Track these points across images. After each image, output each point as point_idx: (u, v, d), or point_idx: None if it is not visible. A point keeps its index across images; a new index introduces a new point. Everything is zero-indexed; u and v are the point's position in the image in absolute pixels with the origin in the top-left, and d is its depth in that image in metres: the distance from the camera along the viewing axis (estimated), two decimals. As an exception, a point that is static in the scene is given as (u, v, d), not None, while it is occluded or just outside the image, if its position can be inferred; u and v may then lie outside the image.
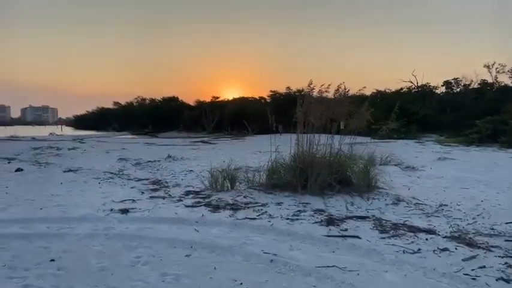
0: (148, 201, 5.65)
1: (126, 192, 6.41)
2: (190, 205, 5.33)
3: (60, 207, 5.37)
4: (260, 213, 4.80)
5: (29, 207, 5.34)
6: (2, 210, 5.22)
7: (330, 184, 5.65)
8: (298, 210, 4.91)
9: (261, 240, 3.88)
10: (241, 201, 5.46)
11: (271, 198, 5.54)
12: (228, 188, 6.23)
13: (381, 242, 3.76)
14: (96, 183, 7.35)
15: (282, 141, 20.48)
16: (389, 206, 5.05)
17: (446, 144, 19.61)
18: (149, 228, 4.32)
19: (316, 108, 5.86)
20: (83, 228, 4.30)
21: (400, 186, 6.31)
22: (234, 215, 4.79)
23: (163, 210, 5.14)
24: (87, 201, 5.73)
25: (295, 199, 5.45)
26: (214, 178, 6.26)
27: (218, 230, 4.21)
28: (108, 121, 65.43)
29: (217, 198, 5.64)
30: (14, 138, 27.40)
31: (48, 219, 4.72)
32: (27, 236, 4.00)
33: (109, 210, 5.13)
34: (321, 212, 4.83)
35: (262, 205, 5.20)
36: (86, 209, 5.18)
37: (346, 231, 4.08)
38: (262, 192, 5.88)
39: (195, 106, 53.00)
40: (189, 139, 28.94)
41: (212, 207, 5.17)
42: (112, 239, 3.94)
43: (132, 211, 5.07)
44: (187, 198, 5.82)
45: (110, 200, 5.74)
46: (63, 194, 6.31)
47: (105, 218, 4.74)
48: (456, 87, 35.26)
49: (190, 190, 6.39)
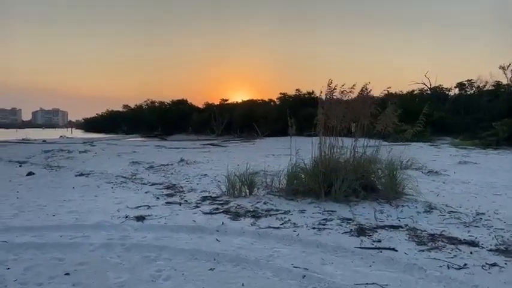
0: (164, 208, 5.41)
1: (140, 197, 6.18)
2: (209, 212, 5.07)
3: (73, 213, 5.16)
4: (283, 222, 4.52)
5: (41, 214, 5.14)
6: (14, 216, 5.03)
7: (355, 190, 5.35)
8: (323, 218, 4.62)
9: (289, 252, 3.60)
10: (262, 208, 5.18)
11: (293, 205, 5.26)
12: (246, 193, 5.96)
13: (420, 255, 3.45)
14: (109, 187, 7.14)
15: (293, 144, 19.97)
16: (421, 214, 4.73)
17: (462, 147, 19.10)
18: (167, 238, 4.07)
19: (338, 110, 5.56)
20: (98, 237, 4.07)
21: (427, 192, 5.97)
22: (255, 223, 4.51)
23: (181, 217, 4.89)
24: (100, 207, 5.51)
25: (319, 206, 5.16)
26: (232, 183, 5.99)
27: (241, 240, 3.94)
28: (117, 124, 65.79)
29: (236, 205, 5.37)
30: (25, 141, 27.55)
31: (61, 227, 4.50)
32: (40, 246, 3.78)
33: (124, 217, 4.90)
34: (348, 220, 4.52)
35: (285, 212, 4.92)
36: (100, 216, 4.96)
37: (380, 242, 3.78)
38: (282, 199, 5.59)
39: (204, 109, 52.95)
40: (199, 142, 28.77)
41: (232, 214, 4.90)
42: (129, 249, 3.69)
43: (148, 218, 4.83)
44: (205, 204, 5.56)
45: (124, 206, 5.51)
46: (75, 199, 6.11)
47: (120, 226, 4.50)
48: (470, 89, 34.59)
49: (206, 196, 6.13)
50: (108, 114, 75.41)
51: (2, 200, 6.06)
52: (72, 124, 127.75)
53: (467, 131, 25.76)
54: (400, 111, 5.87)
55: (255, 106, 43.85)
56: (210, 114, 46.07)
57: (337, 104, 5.70)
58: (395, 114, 5.55)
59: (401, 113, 5.89)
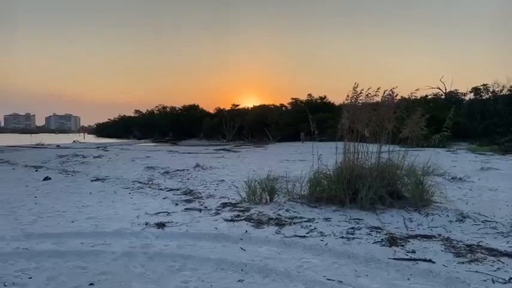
0: (184, 214, 5.29)
1: (158, 203, 6.08)
2: (230, 219, 4.92)
3: (92, 220, 5.07)
4: (309, 230, 4.34)
5: (60, 220, 5.06)
6: (33, 222, 4.95)
7: (381, 197, 5.15)
8: (351, 227, 4.43)
9: (319, 262, 3.43)
10: (285, 215, 5.02)
11: (317, 213, 5.08)
12: (266, 200, 5.80)
13: (460, 267, 3.24)
14: (127, 193, 7.06)
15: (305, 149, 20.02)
16: (454, 223, 4.51)
17: (479, 152, 18.66)
18: (190, 246, 3.93)
19: (363, 114, 5.39)
20: (119, 245, 3.95)
21: (454, 200, 5.72)
22: (280, 231, 4.35)
23: (202, 224, 4.75)
24: (119, 214, 5.41)
25: (345, 214, 4.97)
26: (252, 189, 5.84)
27: (267, 250, 3.78)
28: (129, 129, 66.40)
29: (257, 212, 5.22)
30: (39, 146, 27.88)
31: (81, 234, 4.40)
32: (62, 253, 3.67)
33: (144, 224, 4.78)
34: (377, 229, 4.33)
35: (309, 220, 4.75)
36: (119, 223, 4.85)
37: (415, 253, 3.58)
38: (305, 206, 5.42)
39: (214, 114, 53.09)
40: (211, 147, 28.75)
41: (254, 222, 4.75)
42: (153, 258, 3.56)
43: (168, 225, 4.71)
44: (225, 211, 5.42)
45: (143, 212, 5.41)
46: (93, 205, 6.03)
47: (140, 233, 4.38)
48: (485, 94, 33.95)
49: (226, 202, 5.99)
50: (120, 120, 76.21)
51: (20, 206, 6.02)
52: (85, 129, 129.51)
53: (484, 137, 25.20)
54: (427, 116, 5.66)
55: (267, 111, 43.74)
56: (221, 120, 46.15)
57: (362, 108, 5.51)
58: (423, 119, 5.35)
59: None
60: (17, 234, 4.35)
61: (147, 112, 67.23)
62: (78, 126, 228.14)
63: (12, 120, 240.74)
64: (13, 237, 4.23)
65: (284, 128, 38.13)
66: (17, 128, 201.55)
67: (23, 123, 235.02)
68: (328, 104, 40.25)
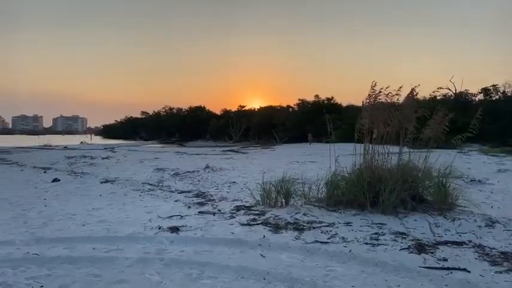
0: (197, 218, 5.11)
1: (170, 206, 5.91)
2: (246, 223, 4.74)
3: (103, 223, 4.91)
4: (331, 236, 4.14)
5: (71, 223, 4.91)
6: (43, 225, 4.81)
7: (403, 201, 4.94)
8: (374, 232, 4.22)
9: (345, 271, 3.23)
10: (303, 219, 4.82)
11: (336, 217, 4.87)
12: (282, 203, 5.61)
13: (499, 277, 3.03)
14: (137, 195, 6.91)
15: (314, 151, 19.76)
16: (483, 229, 4.28)
17: (492, 154, 18.30)
18: (207, 252, 3.75)
19: (383, 115, 5.18)
20: (133, 251, 3.79)
21: (478, 203, 5.49)
22: (300, 237, 4.16)
23: (217, 228, 4.57)
24: (131, 217, 5.25)
25: (366, 218, 4.76)
26: (267, 192, 5.65)
27: (288, 257, 3.59)
28: (136, 130, 66.59)
29: (273, 216, 5.03)
30: (47, 148, 27.95)
31: (93, 238, 4.24)
32: (74, 259, 3.51)
33: (157, 227, 4.62)
34: (402, 235, 4.12)
35: (329, 225, 4.54)
36: (132, 226, 4.69)
37: (447, 261, 3.37)
38: (323, 210, 5.22)
39: (221, 115, 53.01)
40: (218, 148, 28.62)
41: (271, 226, 4.55)
42: (169, 265, 3.39)
43: (182, 229, 4.53)
44: (240, 214, 5.24)
45: (155, 216, 5.24)
46: (104, 208, 5.88)
47: (154, 238, 4.21)
48: (495, 94, 33.44)
49: (239, 205, 5.81)
50: (127, 121, 76.46)
51: (30, 208, 5.89)
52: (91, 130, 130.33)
53: (495, 138, 24.75)
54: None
55: (273, 112, 43.55)
56: (228, 121, 46.05)
57: (381, 108, 5.30)
58: (446, 120, 5.12)
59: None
60: (27, 239, 4.20)
61: (154, 113, 67.39)
62: (85, 127, 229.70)
63: (20, 121, 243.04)
64: (23, 242, 4.09)
65: (291, 129, 37.90)
66: (25, 129, 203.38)
67: (31, 125, 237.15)
68: (335, 105, 39.96)
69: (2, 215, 5.42)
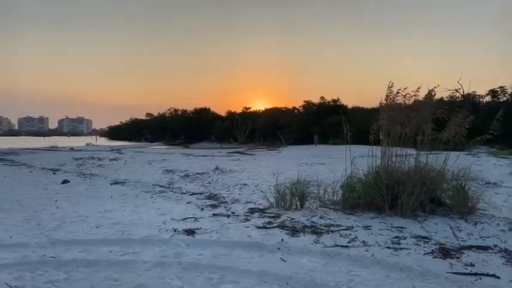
0: (212, 220, 5.04)
1: (183, 208, 5.85)
2: (262, 226, 4.66)
3: (117, 225, 4.85)
4: (350, 240, 4.05)
5: (84, 226, 4.86)
6: (57, 228, 4.76)
7: (422, 204, 4.84)
8: (395, 236, 4.13)
9: (369, 276, 3.14)
10: (320, 222, 4.73)
11: (354, 220, 4.78)
12: (297, 206, 5.52)
13: (530, 284, 2.92)
14: (149, 197, 6.86)
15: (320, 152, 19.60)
16: (507, 232, 4.16)
17: (501, 156, 18.11)
18: (226, 256, 3.68)
19: (400, 115, 5.09)
20: (150, 254, 3.72)
21: (497, 207, 5.37)
22: (319, 240, 4.07)
23: (233, 231, 4.50)
24: (144, 219, 5.19)
25: (384, 222, 4.67)
26: (281, 194, 5.57)
27: (309, 261, 3.50)
28: (141, 132, 66.72)
29: (289, 219, 4.95)
30: (54, 149, 28.06)
31: (108, 241, 4.18)
32: (91, 263, 3.45)
33: (172, 230, 4.55)
34: (424, 239, 4.02)
35: (348, 228, 4.45)
36: (146, 229, 4.63)
37: (474, 266, 3.27)
38: (340, 213, 5.13)
39: (226, 117, 52.98)
40: (224, 150, 28.55)
41: (289, 229, 4.47)
42: (188, 269, 3.31)
43: (198, 232, 4.46)
44: (254, 217, 5.16)
45: (169, 218, 5.18)
46: (116, 210, 5.83)
47: (170, 241, 4.15)
48: (502, 96, 33.15)
49: (253, 207, 5.74)
50: (132, 123, 76.65)
51: (42, 210, 5.85)
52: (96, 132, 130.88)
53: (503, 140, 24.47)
54: None
55: (279, 114, 43.43)
56: (233, 122, 45.99)
57: (397, 109, 5.21)
58: (468, 121, 5.02)
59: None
60: (42, 241, 4.15)
61: (159, 115, 67.53)
62: (90, 129, 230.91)
63: (26, 123, 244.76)
64: (38, 244, 4.04)
65: (296, 131, 37.76)
66: (31, 131, 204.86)
67: (37, 126, 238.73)
68: (340, 106, 39.79)
69: (15, 216, 5.39)
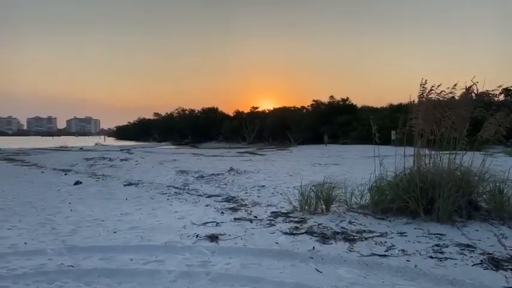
0: (234, 225, 4.78)
1: (202, 211, 5.60)
2: (289, 232, 4.39)
3: (135, 230, 4.62)
4: (388, 248, 3.76)
5: (101, 230, 4.63)
6: (73, 233, 4.54)
7: (459, 208, 4.53)
8: (435, 244, 3.83)
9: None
10: (350, 228, 4.45)
11: (387, 226, 4.49)
12: (322, 210, 5.24)
13: None
14: (165, 199, 6.62)
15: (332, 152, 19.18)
16: (558, 241, 3.85)
17: (519, 156, 17.60)
18: (256, 265, 3.41)
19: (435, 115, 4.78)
20: (174, 262, 3.48)
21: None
22: (353, 248, 3.79)
23: (258, 237, 4.23)
24: (163, 223, 4.95)
25: (420, 228, 4.37)
26: (306, 198, 5.30)
27: (347, 272, 3.23)
28: (148, 132, 66.87)
29: (316, 224, 4.67)
30: (63, 149, 28.08)
31: (128, 247, 3.95)
32: (112, 272, 3.22)
33: (194, 235, 4.30)
34: (468, 247, 3.71)
35: (382, 235, 4.16)
36: (167, 234, 4.39)
37: (532, 280, 2.96)
38: (370, 217, 4.84)
39: (233, 116, 52.79)
40: (233, 149, 28.34)
41: (318, 236, 4.19)
42: (217, 281, 3.06)
43: (221, 238, 4.21)
44: (279, 221, 4.89)
45: (189, 222, 4.93)
46: (132, 213, 5.60)
47: (194, 248, 3.89)
48: (517, 94, 32.46)
49: (275, 211, 5.47)
50: (140, 122, 76.90)
51: (56, 213, 5.65)
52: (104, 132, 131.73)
53: (519, 139, 23.91)
54: None
55: (287, 113, 43.12)
56: (241, 122, 45.78)
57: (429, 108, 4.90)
58: (508, 120, 4.70)
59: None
60: (59, 248, 3.93)
61: (166, 115, 67.59)
62: (98, 129, 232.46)
63: (35, 123, 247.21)
64: (55, 251, 3.81)
65: (305, 131, 37.44)
66: (39, 131, 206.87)
67: (45, 126, 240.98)
68: (350, 106, 39.37)
69: (29, 220, 5.19)
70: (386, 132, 31.37)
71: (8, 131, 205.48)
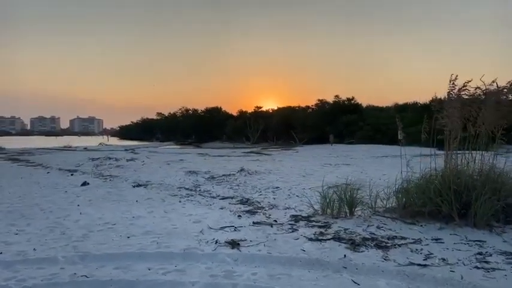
0: (254, 229, 4.51)
1: (218, 214, 5.33)
2: (314, 238, 4.11)
3: (150, 235, 4.36)
4: (426, 256, 3.48)
5: (113, 235, 4.37)
6: (84, 238, 4.28)
7: (496, 212, 4.24)
8: (477, 252, 3.54)
9: (471, 306, 2.57)
10: (380, 234, 4.17)
11: (419, 232, 4.20)
12: (346, 213, 4.96)
13: None
14: (177, 201, 6.36)
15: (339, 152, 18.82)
16: None
17: (533, 156, 17.22)
18: (285, 276, 3.14)
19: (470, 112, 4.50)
20: (197, 273, 3.21)
21: None
22: (388, 256, 3.50)
23: (282, 244, 3.96)
24: (178, 227, 4.69)
25: (456, 234, 4.08)
26: (328, 200, 5.02)
27: (388, 284, 2.94)
28: (151, 131, 66.65)
29: (342, 229, 4.39)
30: (67, 149, 27.90)
31: (144, 254, 3.68)
32: (132, 285, 2.95)
33: (213, 241, 4.04)
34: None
35: (415, 242, 3.88)
36: (184, 240, 4.12)
37: None
38: (398, 222, 4.55)
39: (237, 116, 52.49)
40: (237, 149, 28.08)
41: (347, 242, 3.91)
42: (247, 295, 2.78)
43: (243, 244, 3.94)
44: (301, 226, 4.61)
45: (205, 226, 4.67)
46: (145, 216, 5.34)
47: (215, 255, 3.62)
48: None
49: (295, 214, 5.19)
50: (143, 122, 76.70)
51: (65, 216, 5.39)
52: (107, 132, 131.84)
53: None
54: None
55: (292, 113, 42.76)
56: (245, 122, 45.47)
57: (455, 105, 4.61)
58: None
59: None
60: (70, 255, 3.66)
61: (170, 115, 67.37)
62: (101, 128, 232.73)
63: (38, 123, 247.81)
64: (67, 259, 3.55)
65: (310, 130, 37.10)
66: (43, 131, 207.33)
67: (49, 126, 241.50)
68: (355, 105, 38.99)
69: (37, 224, 4.94)
70: (391, 132, 31.12)
71: (11, 130, 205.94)
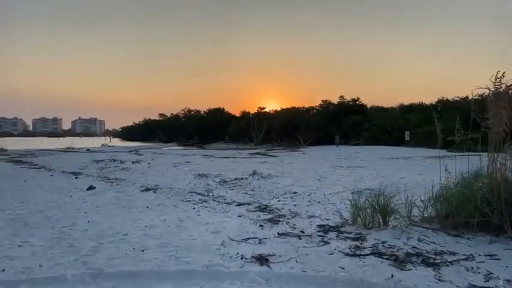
0: (280, 242, 4.09)
1: (238, 223, 4.91)
2: (351, 253, 3.69)
3: (166, 248, 3.95)
4: (485, 277, 3.05)
5: (126, 248, 3.96)
6: (94, 251, 3.87)
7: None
8: (544, 271, 3.12)
9: None
10: (424, 248, 3.74)
11: (467, 246, 3.77)
12: (379, 223, 4.54)
13: None
14: (190, 208, 5.94)
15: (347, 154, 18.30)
16: None
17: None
18: (329, 301, 2.72)
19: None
20: (226, 296, 2.79)
21: None
22: (441, 276, 3.08)
23: (316, 260, 3.53)
24: (196, 238, 4.27)
25: (510, 248, 3.65)
26: (359, 209, 4.59)
27: (453, 313, 2.52)
28: (154, 132, 66.33)
29: (380, 242, 3.96)
30: (70, 150, 27.55)
31: (163, 273, 3.27)
32: (154, 313, 2.53)
33: (237, 256, 3.62)
34: None
35: (467, 258, 3.45)
36: (205, 254, 3.71)
37: None
38: (440, 234, 4.12)
39: (240, 117, 52.13)
40: (242, 151, 27.66)
41: (389, 258, 3.49)
42: (292, 327, 2.36)
43: (272, 260, 3.52)
44: (332, 238, 4.19)
45: (226, 237, 4.25)
46: (158, 225, 4.92)
47: (243, 274, 3.21)
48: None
49: (323, 224, 4.77)
50: (145, 123, 76.45)
51: (71, 225, 4.99)
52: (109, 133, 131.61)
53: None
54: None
55: (296, 114, 42.33)
56: (248, 123, 45.09)
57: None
58: None
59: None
60: (80, 272, 3.26)
61: (172, 116, 67.07)
62: (103, 129, 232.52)
63: (40, 124, 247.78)
64: (76, 278, 3.15)
65: (314, 131, 36.66)
66: (45, 132, 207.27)
67: (51, 127, 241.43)
68: (360, 106, 38.53)
69: (42, 234, 4.53)
70: (397, 133, 30.66)
71: (13, 131, 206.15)
